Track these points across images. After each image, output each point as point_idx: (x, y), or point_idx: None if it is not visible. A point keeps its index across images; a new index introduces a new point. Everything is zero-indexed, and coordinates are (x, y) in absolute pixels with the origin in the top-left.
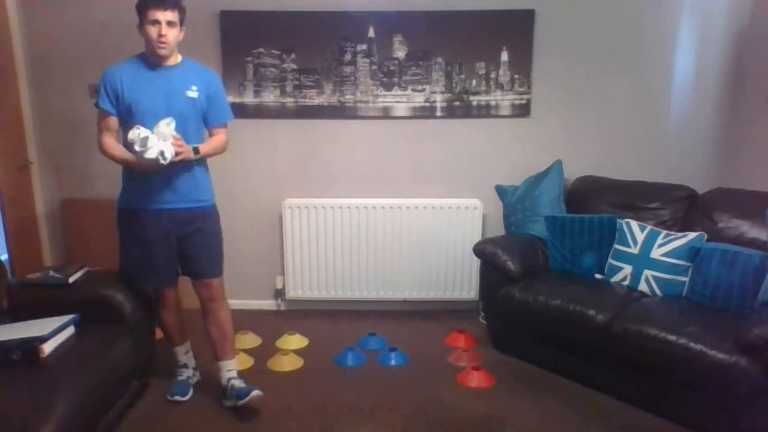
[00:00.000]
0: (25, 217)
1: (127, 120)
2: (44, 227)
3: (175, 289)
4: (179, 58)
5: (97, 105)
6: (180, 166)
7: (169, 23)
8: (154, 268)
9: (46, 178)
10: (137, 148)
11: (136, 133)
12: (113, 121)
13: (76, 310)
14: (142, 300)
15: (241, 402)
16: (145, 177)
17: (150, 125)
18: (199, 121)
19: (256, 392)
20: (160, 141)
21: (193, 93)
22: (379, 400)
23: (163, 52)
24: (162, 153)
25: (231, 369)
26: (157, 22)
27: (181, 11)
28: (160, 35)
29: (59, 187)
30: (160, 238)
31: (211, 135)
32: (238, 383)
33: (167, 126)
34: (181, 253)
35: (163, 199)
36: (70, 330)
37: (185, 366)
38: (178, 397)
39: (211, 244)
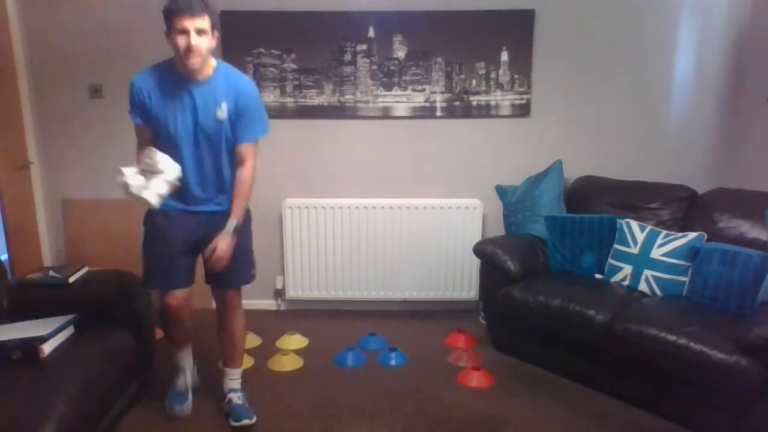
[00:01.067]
0: (25, 217)
1: (160, 135)
2: (44, 227)
3: (188, 295)
4: (213, 65)
5: (130, 111)
6: (209, 166)
7: (199, 31)
8: (168, 270)
9: (46, 178)
10: (129, 196)
11: (119, 179)
12: (148, 132)
13: (76, 310)
14: (142, 300)
15: (233, 424)
16: None
17: (182, 148)
18: (230, 142)
19: (246, 422)
20: (146, 185)
21: (222, 113)
22: (379, 400)
23: (194, 65)
24: (158, 194)
25: (234, 378)
26: (185, 31)
27: (212, 15)
28: (190, 46)
29: (59, 187)
30: (181, 241)
31: (237, 154)
32: (236, 400)
33: (150, 159)
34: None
35: (191, 200)
36: (70, 330)
37: (183, 370)
38: (177, 408)
39: (237, 253)
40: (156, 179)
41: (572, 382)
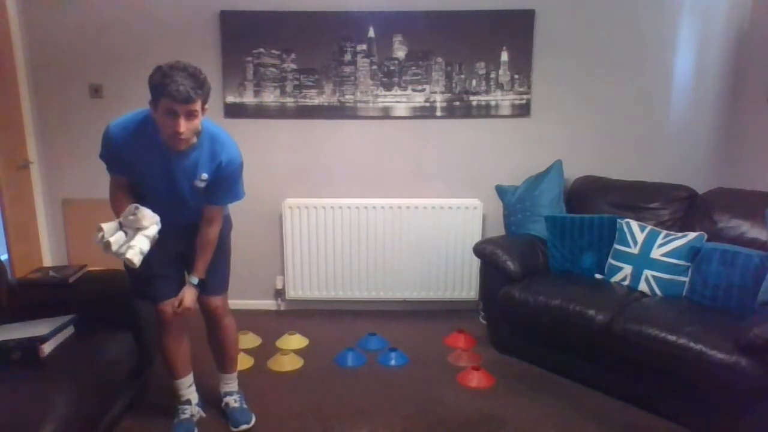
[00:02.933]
0: (25, 217)
1: (132, 184)
2: (44, 227)
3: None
4: (198, 133)
5: (101, 158)
6: (183, 209)
7: (190, 114)
8: (153, 285)
9: (46, 178)
10: (108, 253)
11: (99, 236)
12: (123, 180)
13: (76, 310)
14: (142, 300)
15: (233, 430)
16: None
17: (154, 207)
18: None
19: (244, 427)
20: (128, 241)
21: (201, 183)
22: (379, 400)
23: (179, 148)
24: (140, 251)
25: (228, 383)
26: (173, 113)
27: (206, 93)
28: (177, 133)
29: (59, 187)
30: (163, 254)
31: (206, 213)
32: (232, 403)
33: (134, 216)
34: (186, 265)
35: (171, 212)
36: (70, 330)
37: (188, 402)
38: None
39: (216, 257)
40: (138, 236)
41: (572, 382)
